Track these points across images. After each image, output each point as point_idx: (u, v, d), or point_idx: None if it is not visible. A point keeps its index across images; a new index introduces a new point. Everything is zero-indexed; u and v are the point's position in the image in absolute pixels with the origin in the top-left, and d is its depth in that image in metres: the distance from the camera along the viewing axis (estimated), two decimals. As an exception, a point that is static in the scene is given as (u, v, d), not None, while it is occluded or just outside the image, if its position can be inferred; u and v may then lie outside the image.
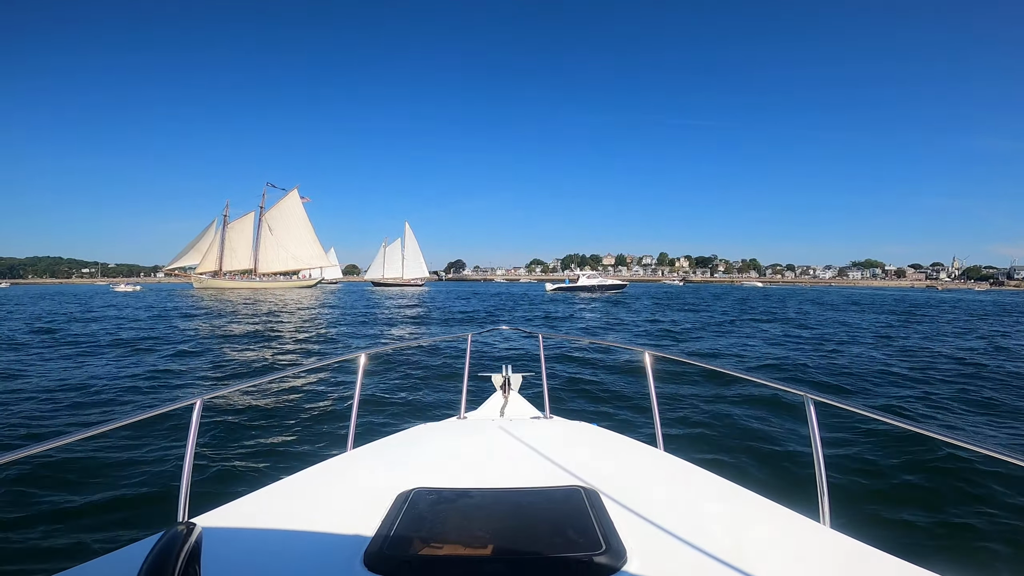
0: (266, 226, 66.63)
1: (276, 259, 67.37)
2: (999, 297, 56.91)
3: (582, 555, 1.18)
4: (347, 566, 1.18)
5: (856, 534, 1.34)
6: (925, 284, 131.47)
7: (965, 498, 3.56)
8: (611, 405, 6.31)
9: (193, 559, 0.83)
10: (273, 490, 1.66)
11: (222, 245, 64.80)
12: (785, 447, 4.50)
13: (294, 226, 67.79)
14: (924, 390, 7.29)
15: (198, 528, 0.87)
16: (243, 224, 66.45)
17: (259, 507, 1.53)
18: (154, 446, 4.59)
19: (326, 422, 5.58)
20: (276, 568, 1.20)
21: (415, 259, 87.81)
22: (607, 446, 2.11)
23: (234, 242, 65.64)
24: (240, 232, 66.14)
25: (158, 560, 0.78)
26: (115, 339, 13.21)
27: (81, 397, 6.86)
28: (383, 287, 76.17)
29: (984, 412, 6.20)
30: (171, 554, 0.79)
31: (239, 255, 65.92)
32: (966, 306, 34.41)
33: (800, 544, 1.31)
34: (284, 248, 67.48)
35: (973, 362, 9.91)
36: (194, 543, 0.84)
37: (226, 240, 65.11)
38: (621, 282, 59.81)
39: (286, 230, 67.27)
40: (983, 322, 20.74)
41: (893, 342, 13.32)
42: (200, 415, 1.57)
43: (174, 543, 0.81)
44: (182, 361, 10.00)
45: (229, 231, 65.52)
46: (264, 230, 66.59)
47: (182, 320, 19.36)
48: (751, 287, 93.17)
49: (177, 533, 0.83)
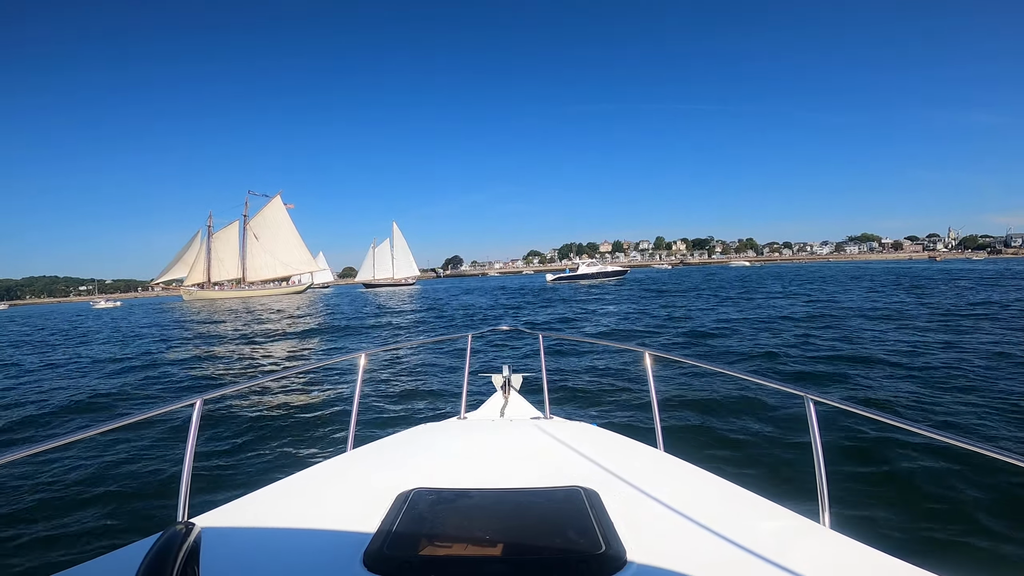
0: (251, 234, 67.16)
1: (264, 266, 67.86)
2: (1007, 265, 54.70)
3: (582, 555, 1.19)
4: (347, 566, 1.18)
5: (856, 534, 1.33)
6: (925, 255, 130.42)
7: (965, 498, 3.54)
8: (611, 405, 6.31)
9: (192, 559, 0.84)
10: (273, 490, 1.66)
11: (208, 256, 65.31)
12: (785, 447, 4.52)
13: (279, 232, 68.23)
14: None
15: (197, 528, 0.87)
16: (228, 234, 67.00)
17: (259, 507, 1.54)
18: (154, 446, 4.63)
19: (326, 422, 5.61)
20: (276, 568, 1.20)
21: (405, 258, 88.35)
22: (607, 446, 2.10)
23: (220, 252, 66.23)
24: (226, 242, 66.69)
25: (157, 560, 0.78)
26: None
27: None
28: (374, 288, 76.49)
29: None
30: (170, 554, 0.79)
31: (226, 265, 66.49)
32: (982, 275, 32.55)
33: (800, 544, 1.31)
34: (271, 255, 67.95)
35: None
36: (193, 543, 0.84)
37: (212, 251, 65.79)
38: (621, 268, 59.27)
39: (272, 237, 67.71)
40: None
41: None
42: (200, 415, 1.56)
43: (173, 543, 0.81)
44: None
45: (214, 241, 66.09)
46: (250, 238, 67.17)
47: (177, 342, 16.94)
48: (739, 267, 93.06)
49: (176, 533, 0.84)
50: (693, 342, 11.29)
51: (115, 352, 14.13)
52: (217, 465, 4.31)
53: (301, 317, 26.03)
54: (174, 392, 8.33)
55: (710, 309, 18.18)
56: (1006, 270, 40.10)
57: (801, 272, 53.00)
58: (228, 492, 1.98)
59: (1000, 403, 5.50)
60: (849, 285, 27.04)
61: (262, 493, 1.64)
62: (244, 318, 26.92)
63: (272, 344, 14.59)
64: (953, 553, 2.95)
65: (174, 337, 18.09)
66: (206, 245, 65.70)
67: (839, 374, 7.29)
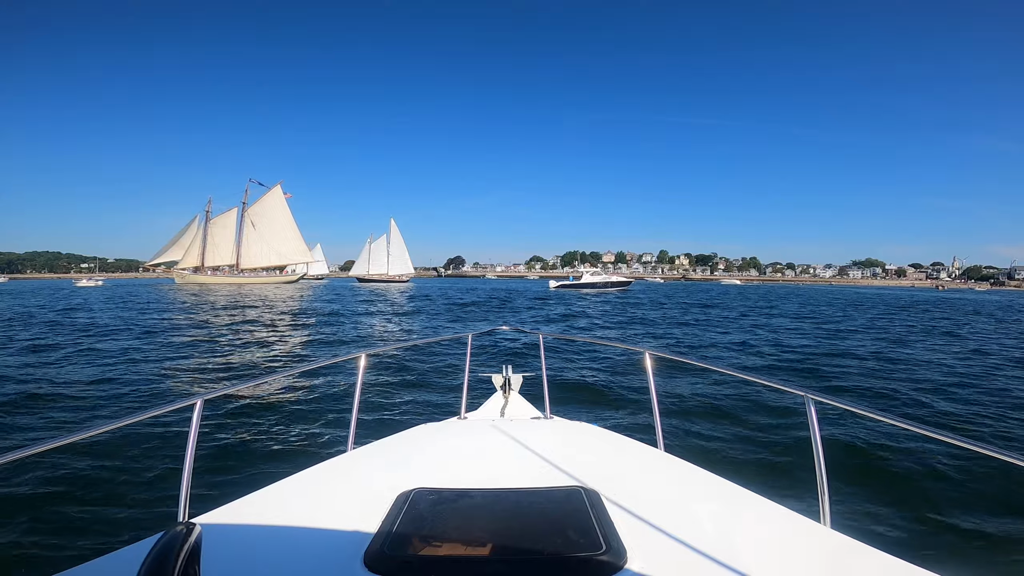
0: (249, 222, 67.98)
1: (259, 255, 68.53)
2: (1013, 298, 54.73)
3: (583, 555, 1.20)
4: (347, 566, 1.19)
5: (856, 534, 1.34)
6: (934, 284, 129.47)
7: (966, 497, 3.56)
8: (611, 405, 6.36)
9: (193, 559, 0.84)
10: (273, 490, 1.67)
11: (204, 241, 66.08)
12: (785, 447, 4.54)
13: (277, 222, 69.01)
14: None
15: (198, 528, 0.88)
16: (226, 220, 67.89)
17: (259, 507, 1.54)
18: (154, 446, 4.68)
19: (326, 422, 5.68)
20: (276, 568, 1.21)
21: (400, 256, 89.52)
22: (607, 446, 2.12)
23: (216, 238, 67.02)
24: (223, 228, 67.55)
25: (158, 560, 0.79)
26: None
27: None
28: (367, 283, 77.00)
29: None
30: (171, 554, 0.80)
31: (221, 251, 67.29)
32: (990, 306, 32.53)
33: (800, 544, 1.32)
34: (267, 244, 68.64)
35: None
36: (194, 543, 0.85)
37: (208, 236, 66.60)
38: (626, 279, 59.57)
39: (269, 226, 68.47)
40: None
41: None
42: (200, 415, 1.57)
43: (174, 543, 0.82)
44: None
45: (211, 227, 66.94)
46: (247, 226, 67.97)
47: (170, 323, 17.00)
48: (729, 285, 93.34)
49: (177, 533, 0.84)
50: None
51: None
52: (217, 465, 4.39)
53: (285, 303, 26.88)
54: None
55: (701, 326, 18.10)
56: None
57: (793, 294, 52.85)
58: (228, 492, 2.00)
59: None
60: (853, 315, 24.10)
61: (263, 493, 1.65)
62: (221, 303, 27.51)
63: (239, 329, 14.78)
64: (953, 553, 2.95)
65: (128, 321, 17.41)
66: (203, 230, 66.46)
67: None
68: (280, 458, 4.60)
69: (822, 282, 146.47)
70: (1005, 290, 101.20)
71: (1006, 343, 14.02)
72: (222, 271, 67.16)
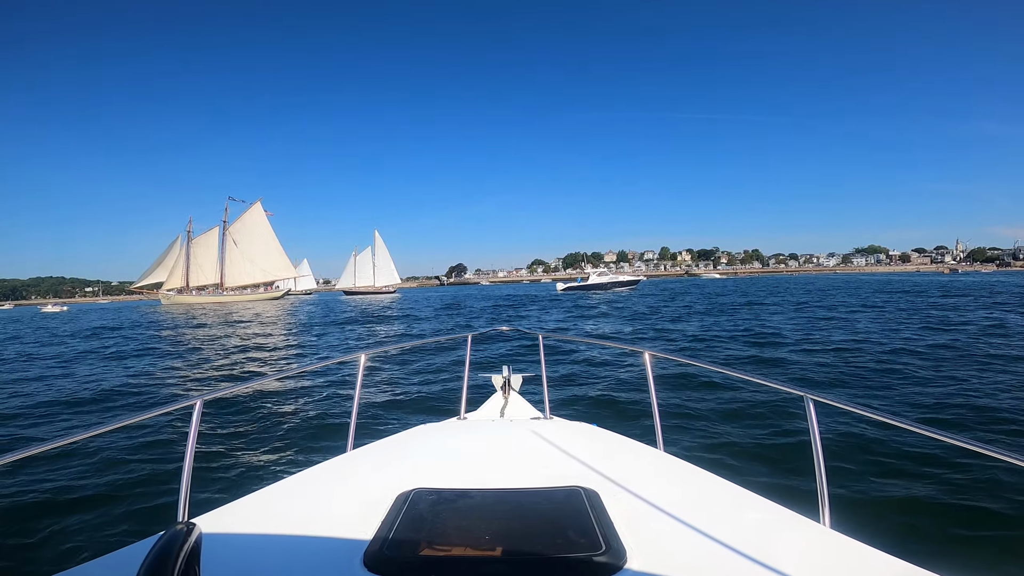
0: (231, 240, 69.13)
1: (243, 272, 69.89)
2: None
3: (582, 555, 1.21)
4: (347, 567, 1.21)
5: (856, 534, 1.36)
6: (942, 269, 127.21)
7: (966, 497, 3.58)
8: (611, 405, 6.42)
9: (193, 559, 0.86)
10: (273, 490, 1.70)
11: (187, 261, 67.32)
12: (785, 447, 4.59)
13: (259, 239, 70.44)
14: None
15: (198, 528, 0.89)
16: (208, 239, 69.55)
17: (259, 507, 1.58)
18: (154, 446, 4.76)
19: (326, 422, 5.80)
20: (276, 569, 1.24)
21: (386, 267, 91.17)
22: (607, 446, 2.14)
23: (200, 257, 68.58)
24: (205, 247, 69.19)
25: (157, 560, 0.80)
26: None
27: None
28: (354, 296, 77.82)
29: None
30: (170, 554, 0.81)
31: (205, 270, 68.85)
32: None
33: (800, 544, 1.34)
34: (251, 261, 70.02)
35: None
36: (194, 543, 0.87)
37: (191, 256, 68.22)
38: (633, 278, 59.98)
39: (251, 243, 69.83)
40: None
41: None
42: (200, 415, 1.59)
43: (173, 543, 0.83)
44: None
45: (194, 247, 68.52)
46: (229, 244, 69.05)
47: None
48: (708, 279, 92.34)
49: (177, 533, 0.86)
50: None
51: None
52: (217, 465, 4.45)
53: (267, 321, 26.80)
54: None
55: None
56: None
57: (819, 282, 48.74)
58: (228, 492, 2.11)
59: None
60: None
61: (262, 493, 1.68)
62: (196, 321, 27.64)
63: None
64: (953, 552, 2.98)
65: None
66: (186, 250, 67.79)
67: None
68: (280, 458, 4.70)
69: (826, 271, 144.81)
70: (1013, 271, 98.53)
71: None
72: (207, 291, 68.39)
